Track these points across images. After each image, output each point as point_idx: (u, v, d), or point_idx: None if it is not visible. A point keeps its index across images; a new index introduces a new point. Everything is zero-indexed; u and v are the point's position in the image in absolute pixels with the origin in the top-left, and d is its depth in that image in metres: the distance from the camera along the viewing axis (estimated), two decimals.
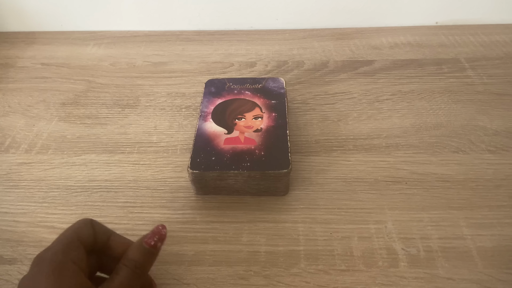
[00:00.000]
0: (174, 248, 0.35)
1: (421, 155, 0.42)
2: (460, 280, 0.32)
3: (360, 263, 0.33)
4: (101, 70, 0.57)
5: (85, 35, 0.65)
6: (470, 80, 0.52)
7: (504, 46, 0.58)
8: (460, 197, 0.38)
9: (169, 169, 0.42)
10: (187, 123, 0.48)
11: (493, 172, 0.40)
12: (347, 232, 0.36)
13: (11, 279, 0.33)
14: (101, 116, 0.49)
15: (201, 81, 0.52)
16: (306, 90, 0.52)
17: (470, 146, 0.43)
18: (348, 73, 0.55)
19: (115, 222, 0.37)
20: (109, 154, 0.44)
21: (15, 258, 0.35)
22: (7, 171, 0.43)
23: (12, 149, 0.45)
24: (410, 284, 0.32)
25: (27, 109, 0.51)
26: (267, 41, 0.62)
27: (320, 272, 0.33)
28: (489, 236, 0.35)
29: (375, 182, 0.40)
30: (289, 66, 0.57)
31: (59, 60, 0.59)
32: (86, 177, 0.42)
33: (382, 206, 0.38)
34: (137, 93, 0.52)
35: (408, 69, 0.55)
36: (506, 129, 0.45)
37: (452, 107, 0.48)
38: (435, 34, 0.62)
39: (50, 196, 0.40)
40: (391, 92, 0.51)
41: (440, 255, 0.34)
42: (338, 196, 0.39)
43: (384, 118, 0.47)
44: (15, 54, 0.61)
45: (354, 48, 0.60)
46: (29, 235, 0.36)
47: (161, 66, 0.57)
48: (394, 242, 0.35)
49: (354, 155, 0.42)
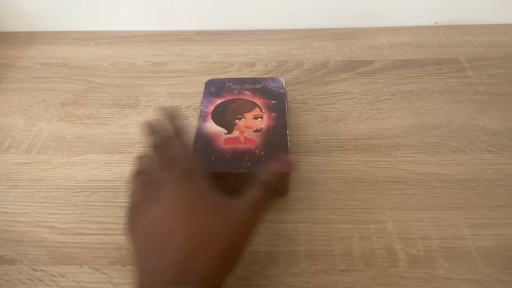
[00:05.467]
0: None
1: (421, 155, 0.42)
2: (460, 280, 0.32)
3: (360, 263, 0.33)
4: (101, 70, 0.57)
5: (85, 35, 0.65)
6: (470, 80, 0.52)
7: (504, 46, 0.58)
8: (460, 197, 0.38)
9: None
10: (187, 123, 0.48)
11: (493, 172, 0.40)
12: (347, 232, 0.36)
13: (11, 279, 0.33)
14: (101, 116, 0.49)
15: (201, 81, 0.52)
16: (306, 90, 0.52)
17: (470, 146, 0.43)
18: (348, 73, 0.55)
19: (115, 222, 0.37)
20: (109, 154, 0.44)
21: (15, 258, 0.35)
22: (7, 171, 0.43)
23: (12, 149, 0.45)
24: (410, 284, 0.32)
25: (27, 109, 0.51)
26: (267, 41, 0.62)
27: (320, 272, 0.33)
28: (489, 236, 0.35)
29: (375, 182, 0.40)
30: (289, 66, 0.57)
31: (59, 60, 0.59)
32: (86, 177, 0.42)
33: (382, 206, 0.38)
34: (137, 93, 0.52)
35: (408, 69, 0.55)
36: (506, 129, 0.45)
37: (452, 107, 0.48)
38: (435, 34, 0.62)
39: (50, 196, 0.40)
40: (391, 92, 0.51)
41: (440, 255, 0.34)
42: (338, 196, 0.39)
43: (384, 118, 0.47)
44: (15, 54, 0.61)
45: (354, 48, 0.60)
46: (29, 235, 0.36)
47: (161, 66, 0.57)
48: (394, 242, 0.35)
49: (354, 155, 0.42)
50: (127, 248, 0.35)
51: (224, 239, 0.26)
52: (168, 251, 0.25)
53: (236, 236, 0.27)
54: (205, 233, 0.26)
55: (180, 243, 0.26)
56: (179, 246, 0.25)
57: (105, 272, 0.34)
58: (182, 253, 0.25)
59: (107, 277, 0.33)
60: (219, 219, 0.27)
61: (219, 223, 0.27)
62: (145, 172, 0.32)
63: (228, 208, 0.28)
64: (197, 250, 0.25)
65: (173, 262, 0.25)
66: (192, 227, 0.26)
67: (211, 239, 0.26)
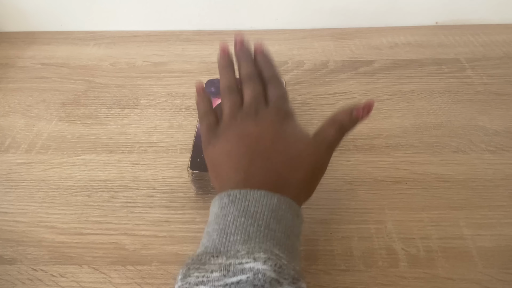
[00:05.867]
0: (174, 248, 0.35)
1: (421, 155, 0.42)
2: (460, 280, 0.32)
3: (360, 263, 0.33)
4: (101, 70, 0.57)
5: (85, 35, 0.65)
6: (470, 80, 0.52)
7: (504, 46, 0.58)
8: (460, 197, 0.38)
9: (169, 169, 0.42)
10: (187, 123, 0.48)
11: (493, 172, 0.40)
12: (347, 232, 0.36)
13: (11, 279, 0.33)
14: (101, 116, 0.49)
15: (201, 81, 0.52)
16: (306, 90, 0.52)
17: (470, 146, 0.43)
18: (348, 73, 0.55)
19: (115, 222, 0.37)
20: (109, 154, 0.44)
21: (15, 258, 0.35)
22: (7, 171, 0.43)
23: (12, 149, 0.45)
24: (410, 284, 0.32)
25: (27, 109, 0.51)
26: (267, 41, 0.62)
27: (320, 272, 0.33)
28: (489, 236, 0.35)
29: (375, 182, 0.40)
30: (289, 66, 0.57)
31: (59, 60, 0.59)
32: (86, 177, 0.42)
33: (382, 206, 0.38)
34: (137, 93, 0.52)
35: (408, 69, 0.55)
36: (506, 129, 0.45)
37: (452, 107, 0.48)
38: (435, 34, 0.62)
39: (50, 196, 0.40)
40: (391, 92, 0.51)
41: (440, 255, 0.34)
42: (338, 196, 0.39)
43: (384, 118, 0.47)
44: (15, 54, 0.61)
45: (354, 48, 0.60)
46: (29, 235, 0.36)
47: (161, 66, 0.57)
48: (394, 242, 0.35)
49: (354, 155, 0.42)
50: (127, 248, 0.35)
51: (311, 163, 0.30)
52: (269, 162, 0.29)
53: (317, 161, 0.31)
54: (297, 155, 0.30)
55: (279, 157, 0.30)
56: (279, 160, 0.30)
57: (105, 272, 0.34)
58: (281, 167, 0.29)
59: (107, 277, 0.33)
60: (304, 147, 0.31)
61: (305, 150, 0.31)
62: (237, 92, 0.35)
63: (312, 141, 0.32)
64: (291, 167, 0.29)
65: (275, 171, 0.29)
66: (285, 148, 0.30)
67: (301, 160, 0.30)
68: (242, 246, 0.24)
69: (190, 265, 0.24)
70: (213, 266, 0.23)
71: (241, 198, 0.27)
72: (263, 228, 0.25)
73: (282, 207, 0.27)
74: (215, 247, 0.25)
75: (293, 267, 0.24)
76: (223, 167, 0.30)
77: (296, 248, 0.27)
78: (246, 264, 0.22)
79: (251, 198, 0.26)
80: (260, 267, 0.22)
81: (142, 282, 0.33)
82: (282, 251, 0.25)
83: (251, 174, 0.29)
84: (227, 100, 0.34)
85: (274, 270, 0.22)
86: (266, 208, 0.26)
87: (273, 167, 0.29)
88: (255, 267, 0.22)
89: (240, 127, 0.32)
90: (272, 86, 0.35)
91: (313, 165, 0.30)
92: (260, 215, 0.26)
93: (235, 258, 0.23)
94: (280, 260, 0.23)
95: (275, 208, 0.26)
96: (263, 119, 0.32)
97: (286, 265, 0.23)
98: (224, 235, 0.25)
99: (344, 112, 0.32)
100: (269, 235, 0.25)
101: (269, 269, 0.22)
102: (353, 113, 0.32)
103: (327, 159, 0.32)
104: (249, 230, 0.25)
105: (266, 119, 0.32)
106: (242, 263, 0.23)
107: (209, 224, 0.27)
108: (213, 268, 0.23)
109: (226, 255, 0.24)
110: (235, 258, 0.23)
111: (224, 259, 0.23)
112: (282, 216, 0.26)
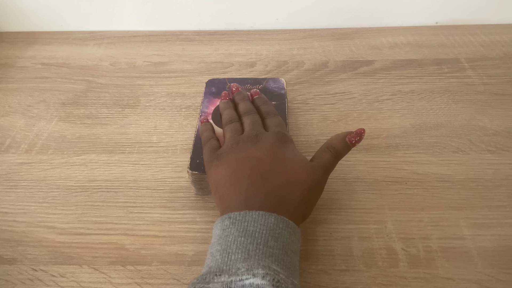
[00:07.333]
0: (174, 248, 0.35)
1: (421, 155, 0.42)
2: (460, 280, 0.32)
3: (360, 263, 0.33)
4: (101, 70, 0.57)
5: (85, 35, 0.65)
6: (470, 80, 0.52)
7: (504, 46, 0.58)
8: (460, 197, 0.38)
9: (169, 169, 0.42)
10: (187, 123, 0.48)
11: (493, 172, 0.40)
12: (347, 232, 0.36)
13: (11, 279, 0.33)
14: (101, 116, 0.49)
15: (201, 81, 0.52)
16: (306, 90, 0.52)
17: (470, 146, 0.43)
18: (348, 73, 0.55)
19: (115, 222, 0.37)
20: (109, 154, 0.44)
21: (15, 258, 0.35)
22: (7, 171, 0.43)
23: (12, 149, 0.45)
24: (410, 284, 0.32)
25: (27, 109, 0.51)
26: (267, 41, 0.62)
27: (320, 272, 0.33)
28: (489, 236, 0.35)
29: (375, 182, 0.40)
30: (289, 66, 0.57)
31: (59, 60, 0.59)
32: (86, 177, 0.42)
33: (382, 206, 0.38)
34: (137, 93, 0.52)
35: (408, 69, 0.55)
36: (506, 129, 0.45)
37: (452, 107, 0.48)
38: (435, 34, 0.62)
39: (50, 196, 0.40)
40: (391, 92, 0.51)
41: (440, 255, 0.34)
42: (338, 196, 0.39)
43: (384, 118, 0.47)
44: (15, 54, 0.61)
45: (354, 48, 0.60)
46: (29, 235, 0.36)
47: (161, 66, 0.57)
48: (394, 242, 0.35)
49: (354, 155, 0.42)
50: (127, 248, 0.35)
51: (308, 184, 0.32)
52: (268, 183, 0.31)
53: (314, 183, 0.32)
54: (294, 177, 0.32)
55: (278, 179, 0.31)
56: (277, 181, 0.31)
57: (105, 272, 0.34)
58: (280, 188, 0.31)
59: (107, 277, 0.33)
60: (302, 170, 0.33)
61: (302, 173, 0.32)
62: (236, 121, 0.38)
63: (309, 164, 0.33)
64: (289, 188, 0.31)
65: (273, 192, 0.31)
66: (283, 170, 0.32)
67: (299, 182, 0.32)
68: (242, 263, 0.25)
69: (195, 284, 0.25)
70: (217, 284, 0.24)
71: (241, 219, 0.28)
72: (262, 246, 0.27)
73: (279, 225, 0.28)
74: (218, 266, 0.26)
75: (291, 282, 0.25)
76: (225, 190, 0.32)
77: (294, 264, 0.28)
78: (246, 280, 0.24)
79: (250, 219, 0.28)
80: (259, 282, 0.24)
81: (142, 282, 0.33)
82: (280, 266, 0.26)
83: (251, 195, 0.30)
84: (228, 128, 0.37)
85: (272, 284, 0.24)
86: (264, 227, 0.28)
87: (272, 189, 0.31)
88: (254, 282, 0.24)
89: (241, 151, 0.34)
90: (270, 117, 0.38)
91: (310, 187, 0.32)
92: (258, 234, 0.27)
93: (236, 275, 0.24)
94: (278, 275, 0.25)
95: (272, 227, 0.28)
96: (263, 142, 0.34)
97: (284, 280, 0.24)
98: (226, 255, 0.26)
99: (338, 138, 0.35)
100: (268, 252, 0.26)
101: (268, 284, 0.23)
102: (346, 139, 0.34)
103: (323, 181, 0.34)
104: (249, 249, 0.26)
105: (266, 143, 0.34)
106: (242, 279, 0.24)
107: (212, 246, 0.29)
108: (217, 286, 0.24)
109: (228, 273, 0.25)
110: (236, 275, 0.24)
111: (226, 277, 0.25)
112: (279, 234, 0.28)
